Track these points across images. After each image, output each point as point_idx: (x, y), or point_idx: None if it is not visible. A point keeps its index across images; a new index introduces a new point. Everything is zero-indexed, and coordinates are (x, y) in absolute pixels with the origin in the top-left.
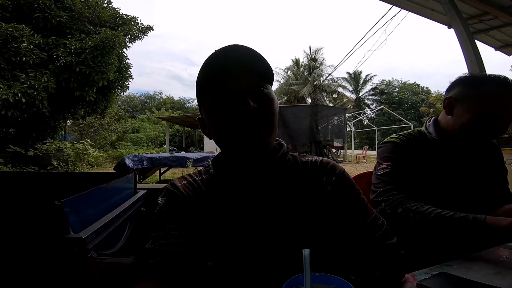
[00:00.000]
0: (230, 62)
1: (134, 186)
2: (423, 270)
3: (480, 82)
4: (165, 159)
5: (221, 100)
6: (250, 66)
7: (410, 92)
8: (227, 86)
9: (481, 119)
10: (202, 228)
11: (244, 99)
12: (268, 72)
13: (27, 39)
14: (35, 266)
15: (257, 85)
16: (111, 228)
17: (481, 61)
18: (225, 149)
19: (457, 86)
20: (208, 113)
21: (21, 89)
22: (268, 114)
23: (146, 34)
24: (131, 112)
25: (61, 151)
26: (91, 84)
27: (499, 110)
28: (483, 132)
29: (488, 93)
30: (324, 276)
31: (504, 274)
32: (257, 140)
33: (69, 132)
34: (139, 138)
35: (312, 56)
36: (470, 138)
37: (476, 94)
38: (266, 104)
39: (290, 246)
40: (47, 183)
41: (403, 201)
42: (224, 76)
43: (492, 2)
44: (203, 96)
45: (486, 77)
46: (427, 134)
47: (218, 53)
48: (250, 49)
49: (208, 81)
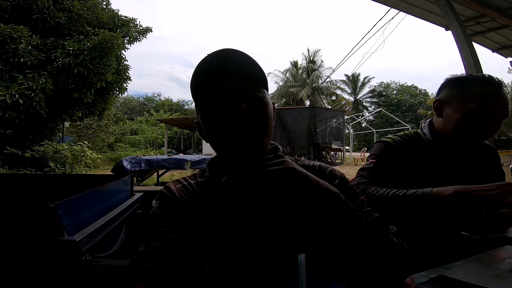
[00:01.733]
0: (224, 66)
1: (130, 189)
2: (421, 273)
3: (465, 82)
4: (163, 161)
5: (216, 104)
6: (243, 70)
7: (408, 95)
8: (220, 90)
9: (468, 119)
10: (198, 231)
11: (237, 102)
12: (261, 76)
13: (25, 40)
14: (29, 269)
15: (252, 89)
16: (107, 230)
17: (479, 63)
18: (220, 152)
19: (445, 88)
20: (203, 116)
21: (19, 90)
22: (262, 118)
23: (145, 36)
24: (130, 114)
25: (59, 153)
26: (89, 85)
27: (485, 108)
28: (472, 132)
29: (472, 92)
30: (321, 281)
31: (503, 277)
32: (251, 145)
33: (67, 134)
34: (137, 140)
35: (311, 58)
36: (461, 139)
37: (462, 95)
38: (260, 108)
39: (287, 250)
40: (43, 185)
41: (365, 189)
42: (217, 80)
43: (489, 4)
44: (198, 100)
45: (471, 77)
46: (422, 136)
47: (211, 57)
48: (243, 53)
49: (201, 85)
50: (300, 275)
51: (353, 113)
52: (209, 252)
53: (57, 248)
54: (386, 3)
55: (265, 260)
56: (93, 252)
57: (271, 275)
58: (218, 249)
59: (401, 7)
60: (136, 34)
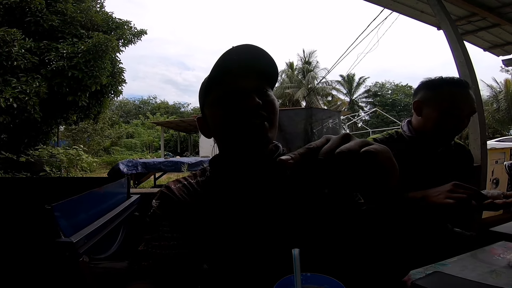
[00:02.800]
0: (243, 62)
1: (127, 191)
2: (418, 269)
3: (437, 85)
4: (159, 164)
5: (229, 95)
6: (261, 68)
7: (402, 94)
8: (236, 83)
9: (444, 116)
10: (198, 230)
11: (251, 95)
12: (275, 76)
13: (18, 43)
14: (27, 271)
15: (262, 87)
16: (104, 232)
17: (470, 62)
18: (226, 146)
19: (421, 90)
20: (214, 107)
21: (13, 94)
22: (271, 112)
23: (139, 38)
24: (125, 117)
25: (54, 157)
26: (84, 89)
27: (456, 106)
28: (448, 127)
29: (445, 93)
30: (316, 276)
31: (499, 273)
32: (261, 134)
33: (62, 138)
34: (134, 144)
35: (306, 59)
36: (439, 133)
37: (436, 96)
38: (270, 103)
39: (287, 249)
40: (40, 188)
41: None
42: (235, 74)
43: (480, 3)
44: (210, 90)
45: (442, 80)
46: (403, 133)
47: (233, 51)
48: (264, 51)
49: (220, 76)
50: (295, 270)
51: (349, 113)
52: (209, 252)
53: (54, 250)
54: (379, 3)
55: (265, 260)
56: (90, 254)
57: (271, 275)
58: (218, 248)
59: (394, 7)
60: (131, 36)
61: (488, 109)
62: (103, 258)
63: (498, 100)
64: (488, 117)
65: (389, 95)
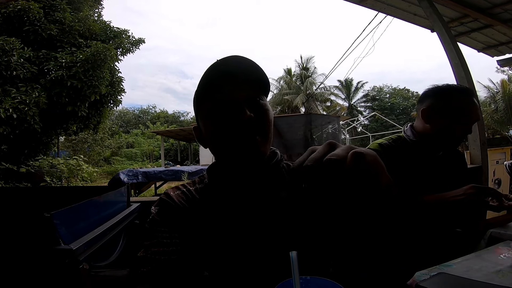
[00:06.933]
0: (231, 72)
1: (127, 199)
2: (422, 271)
3: (447, 94)
4: (160, 173)
5: (220, 108)
6: (250, 77)
7: (400, 98)
8: (226, 95)
9: (454, 125)
10: (197, 237)
11: (241, 108)
12: (266, 84)
13: (17, 53)
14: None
15: (254, 96)
16: (104, 240)
17: (465, 63)
18: (220, 157)
19: (429, 98)
20: (206, 120)
21: (12, 104)
22: (264, 124)
23: (138, 47)
24: (125, 127)
25: (54, 167)
26: (83, 98)
27: (471, 117)
28: (458, 136)
29: (454, 102)
30: (316, 279)
31: (505, 272)
32: (253, 149)
33: (62, 148)
34: (134, 153)
35: (304, 65)
36: (449, 142)
37: (446, 105)
38: (262, 114)
39: (286, 255)
40: (40, 198)
41: None
42: (223, 85)
43: (471, 4)
44: (201, 103)
45: (451, 89)
46: (406, 138)
47: (220, 63)
48: (250, 61)
49: (207, 88)
50: (293, 272)
51: (348, 118)
52: (208, 258)
53: (53, 257)
54: (373, 8)
55: (264, 266)
56: (90, 262)
57: (271, 281)
58: (217, 255)
59: (388, 10)
60: (129, 45)
61: (486, 110)
62: (104, 266)
63: (496, 101)
64: (487, 118)
65: (387, 99)
